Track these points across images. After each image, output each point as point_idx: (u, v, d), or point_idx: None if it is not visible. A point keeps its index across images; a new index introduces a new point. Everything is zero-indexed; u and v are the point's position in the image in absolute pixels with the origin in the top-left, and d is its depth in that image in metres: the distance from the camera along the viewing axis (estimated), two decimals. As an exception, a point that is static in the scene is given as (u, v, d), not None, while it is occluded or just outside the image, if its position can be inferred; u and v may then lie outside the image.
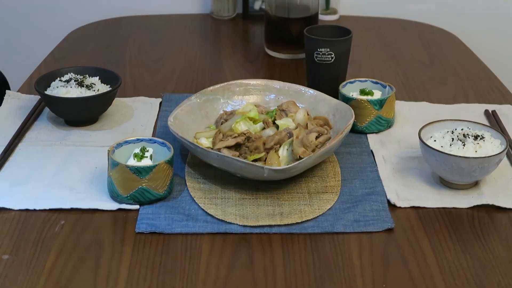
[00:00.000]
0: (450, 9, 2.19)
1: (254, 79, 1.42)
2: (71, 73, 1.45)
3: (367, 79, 1.44)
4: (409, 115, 1.46)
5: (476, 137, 1.20)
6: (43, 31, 2.21)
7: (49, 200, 1.16)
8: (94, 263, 1.03)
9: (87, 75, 1.45)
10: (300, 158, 1.19)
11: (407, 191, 1.20)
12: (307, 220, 1.13)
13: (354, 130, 1.37)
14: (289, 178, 1.21)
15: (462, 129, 1.23)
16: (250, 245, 1.08)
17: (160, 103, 1.52)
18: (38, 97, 1.50)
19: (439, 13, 2.16)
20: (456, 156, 1.16)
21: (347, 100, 1.37)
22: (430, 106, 1.51)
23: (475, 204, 1.17)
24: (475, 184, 1.22)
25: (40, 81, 1.42)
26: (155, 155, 1.19)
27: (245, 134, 1.24)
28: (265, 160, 1.22)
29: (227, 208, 1.15)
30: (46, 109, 1.46)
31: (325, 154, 1.21)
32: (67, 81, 1.41)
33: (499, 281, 1.01)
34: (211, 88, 1.39)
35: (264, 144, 1.24)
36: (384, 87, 1.42)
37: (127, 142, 1.20)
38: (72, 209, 1.15)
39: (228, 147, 1.24)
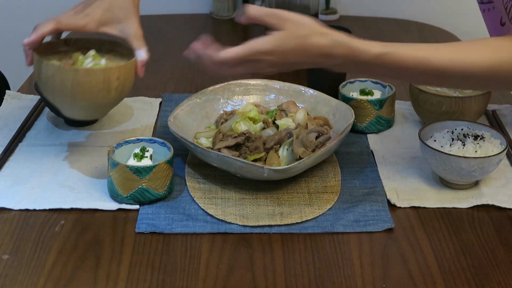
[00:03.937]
0: (450, 9, 2.19)
1: (254, 79, 1.42)
2: (71, 73, 1.45)
3: (367, 79, 1.44)
4: (409, 115, 1.46)
5: (476, 137, 1.20)
6: (43, 31, 2.21)
7: (49, 200, 1.16)
8: (94, 263, 1.03)
9: (87, 75, 1.44)
10: (300, 158, 1.19)
11: (407, 191, 1.20)
12: (307, 220, 1.13)
13: (354, 130, 1.37)
14: (289, 178, 1.21)
15: (462, 129, 1.23)
16: (250, 245, 1.08)
17: (160, 103, 1.51)
18: (38, 97, 1.50)
19: (439, 13, 2.16)
20: (456, 156, 1.16)
21: (347, 100, 1.37)
22: (430, 106, 1.51)
23: (475, 204, 1.17)
24: (475, 184, 1.22)
25: (40, 81, 1.42)
26: (155, 155, 1.19)
27: (245, 134, 1.24)
28: (265, 160, 1.22)
29: (227, 208, 1.15)
30: (46, 109, 1.46)
31: (325, 154, 1.21)
32: (67, 81, 1.41)
33: (499, 281, 1.00)
34: (211, 88, 1.39)
35: (264, 144, 1.24)
36: (384, 87, 1.42)
37: (127, 142, 1.20)
38: (72, 209, 1.15)
39: (228, 147, 1.23)
